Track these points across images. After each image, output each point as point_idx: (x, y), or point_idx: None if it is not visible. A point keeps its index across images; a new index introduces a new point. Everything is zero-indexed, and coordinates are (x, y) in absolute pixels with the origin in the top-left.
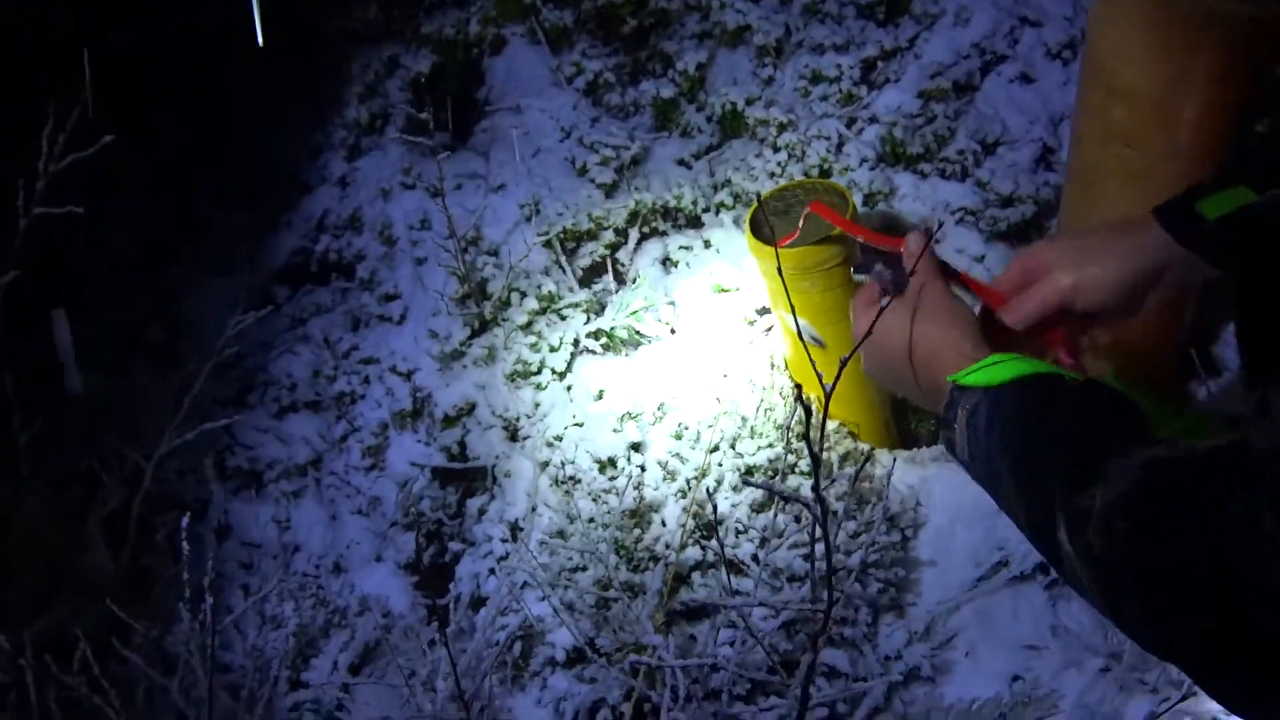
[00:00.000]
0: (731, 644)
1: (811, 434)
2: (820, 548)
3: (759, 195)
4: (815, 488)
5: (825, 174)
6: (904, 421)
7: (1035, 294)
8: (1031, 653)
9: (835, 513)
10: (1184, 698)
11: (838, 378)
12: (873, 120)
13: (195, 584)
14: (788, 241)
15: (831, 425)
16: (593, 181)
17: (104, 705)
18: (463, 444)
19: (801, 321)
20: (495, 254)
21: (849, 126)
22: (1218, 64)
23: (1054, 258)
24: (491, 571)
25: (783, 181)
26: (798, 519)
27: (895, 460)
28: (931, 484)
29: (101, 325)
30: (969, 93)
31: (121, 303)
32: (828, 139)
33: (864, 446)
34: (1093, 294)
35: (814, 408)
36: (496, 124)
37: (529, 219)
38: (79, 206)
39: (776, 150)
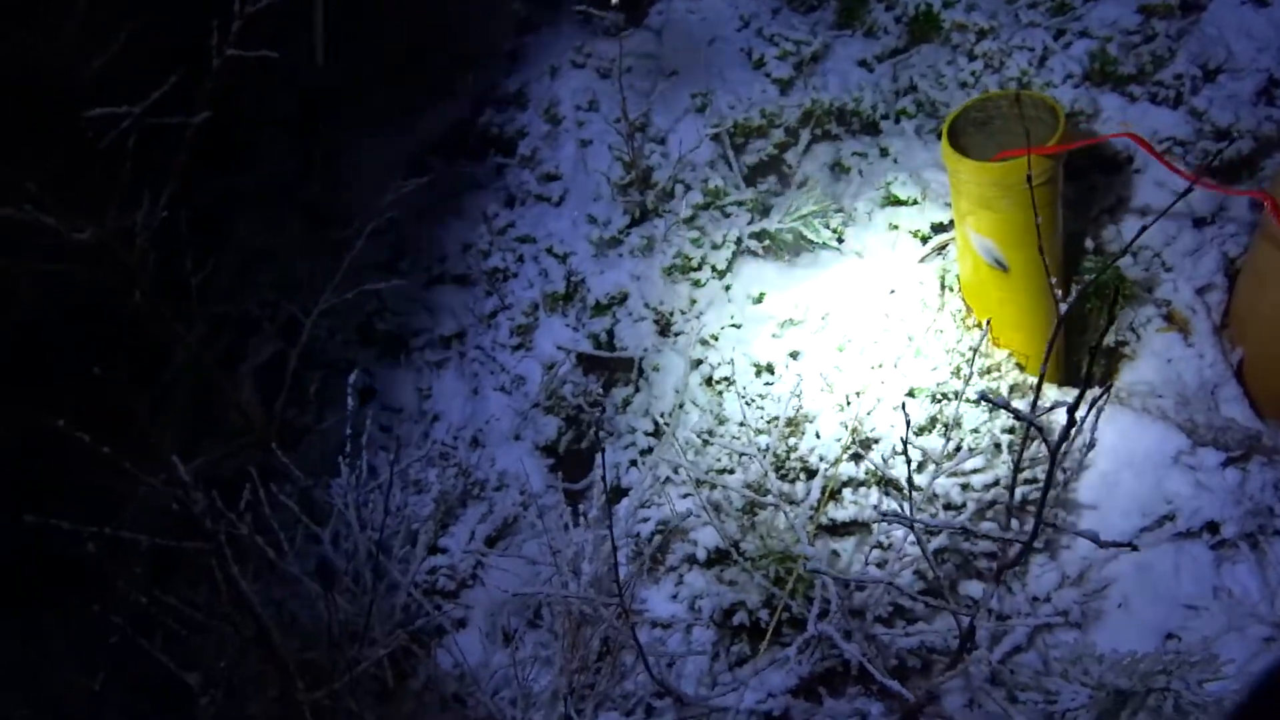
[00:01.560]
0: (881, 565)
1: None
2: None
3: (965, 104)
4: (1072, 409)
5: (1024, 88)
6: (1074, 355)
7: None
8: (1190, 612)
9: (997, 445)
10: None
11: None
12: (1084, 34)
13: (354, 441)
14: (1002, 157)
15: (1001, 354)
16: (768, 76)
17: (265, 546)
18: (611, 333)
19: (988, 242)
20: (663, 142)
21: (1056, 38)
22: None
23: None
24: (633, 463)
25: (975, 94)
26: (958, 449)
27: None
28: (1103, 426)
29: (262, 177)
30: (1195, 12)
31: (281, 157)
32: (1031, 50)
33: (1032, 379)
34: None
35: (987, 334)
36: (673, 6)
37: (700, 109)
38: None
39: (972, 59)
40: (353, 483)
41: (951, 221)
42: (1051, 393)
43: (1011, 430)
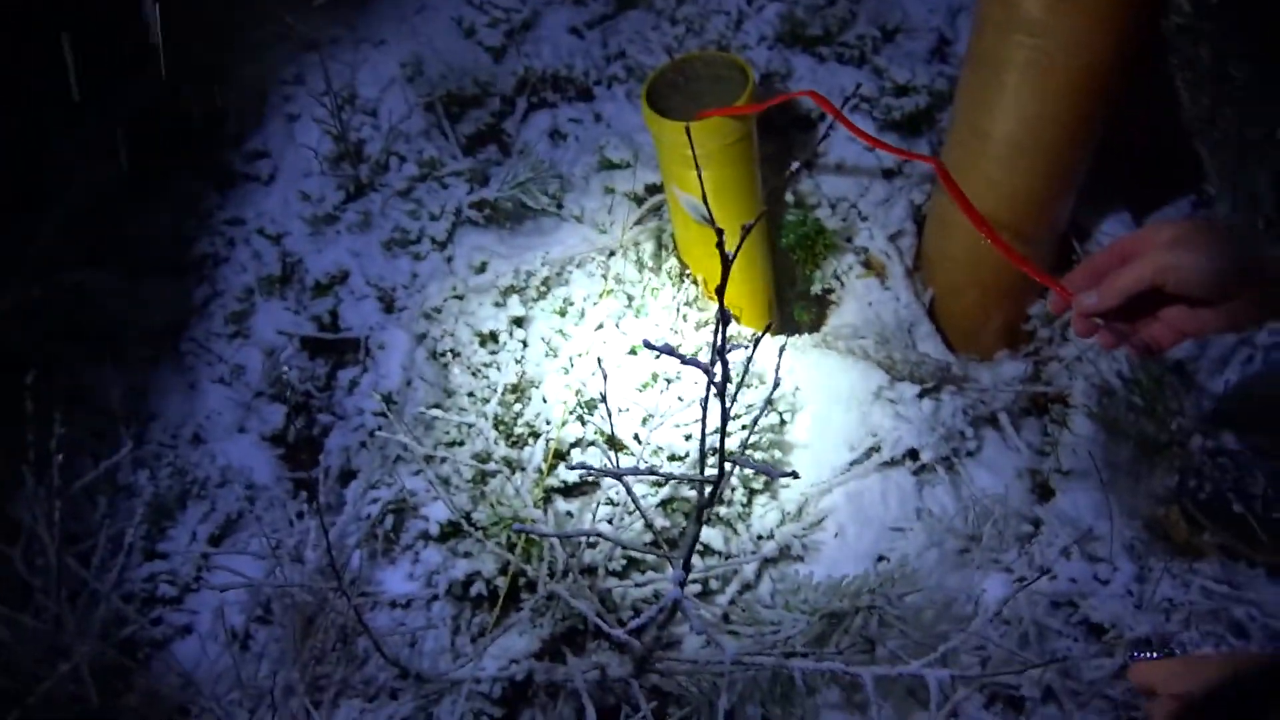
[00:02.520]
0: (610, 521)
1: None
2: (714, 422)
3: (661, 66)
4: (721, 350)
5: (723, 49)
6: (786, 307)
7: (1133, 270)
8: (897, 534)
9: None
10: (1039, 577)
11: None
12: None
13: (40, 447)
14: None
15: (715, 306)
16: (480, 44)
17: None
18: (335, 313)
19: (691, 199)
20: (374, 114)
21: (750, 3)
22: None
23: (1154, 239)
24: (363, 445)
25: (679, 55)
26: (679, 399)
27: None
28: (811, 371)
29: None
30: None
31: None
32: (728, 14)
33: (748, 331)
34: (1188, 276)
35: (701, 290)
36: None
37: (410, 79)
38: None
39: (675, 23)
40: (41, 494)
41: (662, 182)
42: (768, 341)
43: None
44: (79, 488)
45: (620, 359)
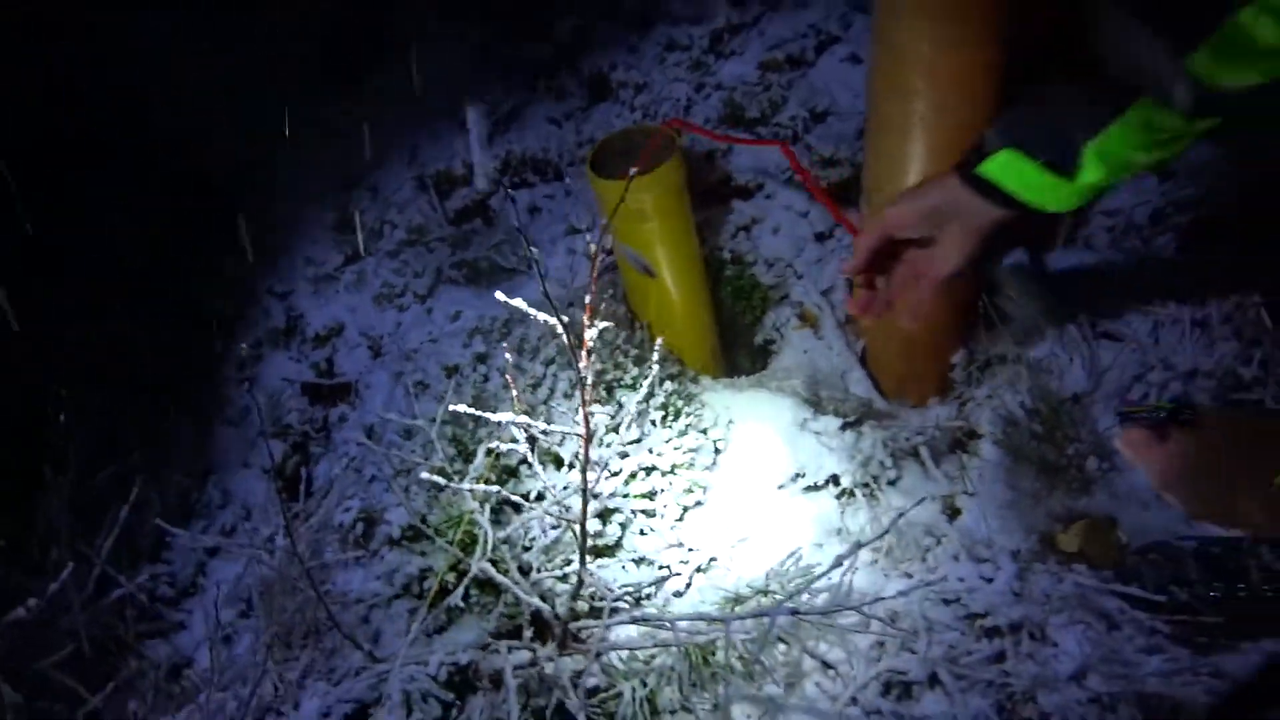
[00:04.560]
0: (556, 527)
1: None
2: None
3: (605, 137)
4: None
5: None
6: (730, 353)
7: (869, 229)
8: (816, 549)
9: (654, 422)
10: (931, 583)
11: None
12: (718, 86)
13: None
14: (630, 172)
15: (662, 352)
16: (470, 132)
17: None
18: (331, 361)
19: (631, 251)
20: (374, 190)
21: (697, 91)
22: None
23: (900, 205)
24: (344, 469)
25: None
26: (616, 428)
27: (714, 381)
28: (745, 405)
29: None
30: (803, 68)
31: None
32: (678, 100)
33: (690, 372)
34: (906, 219)
35: (641, 332)
36: (388, 75)
37: (408, 162)
38: None
39: (633, 110)
40: (58, 484)
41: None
42: (706, 383)
43: (664, 407)
44: (97, 479)
45: (567, 388)
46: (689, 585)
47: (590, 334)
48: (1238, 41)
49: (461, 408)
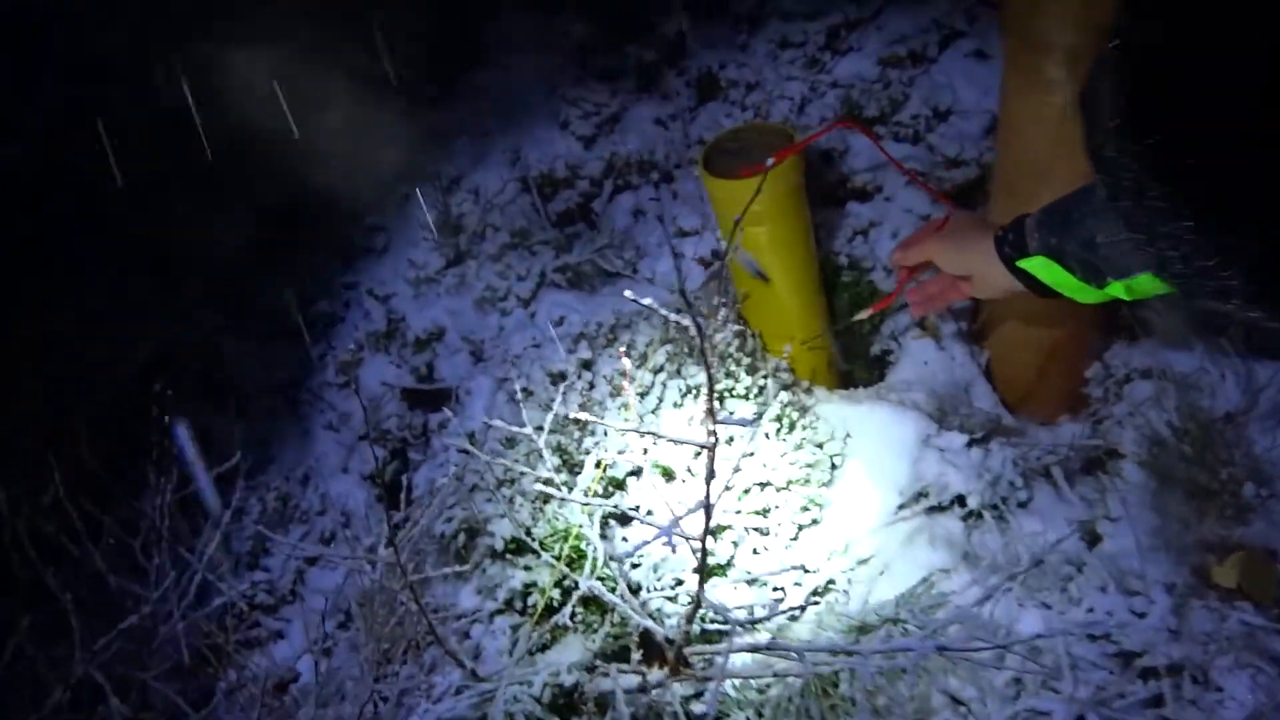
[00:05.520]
0: (668, 544)
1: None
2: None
3: (718, 135)
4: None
5: None
6: (846, 363)
7: (914, 250)
8: (941, 574)
9: (768, 435)
10: (1091, 624)
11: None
12: (834, 85)
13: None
14: (747, 174)
15: (775, 362)
16: (573, 134)
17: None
18: (431, 366)
19: (745, 254)
20: (476, 193)
21: (812, 90)
22: None
23: (932, 228)
24: (445, 478)
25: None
26: (730, 441)
27: (830, 393)
28: (864, 418)
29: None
30: (925, 63)
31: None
32: (792, 99)
33: (805, 383)
34: (945, 264)
35: (754, 341)
36: (486, 75)
37: (511, 164)
38: None
39: (744, 109)
40: (160, 485)
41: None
42: (822, 394)
43: (778, 419)
44: (189, 492)
45: (677, 398)
46: (803, 609)
47: (722, 336)
48: (1132, 288)
49: (583, 415)
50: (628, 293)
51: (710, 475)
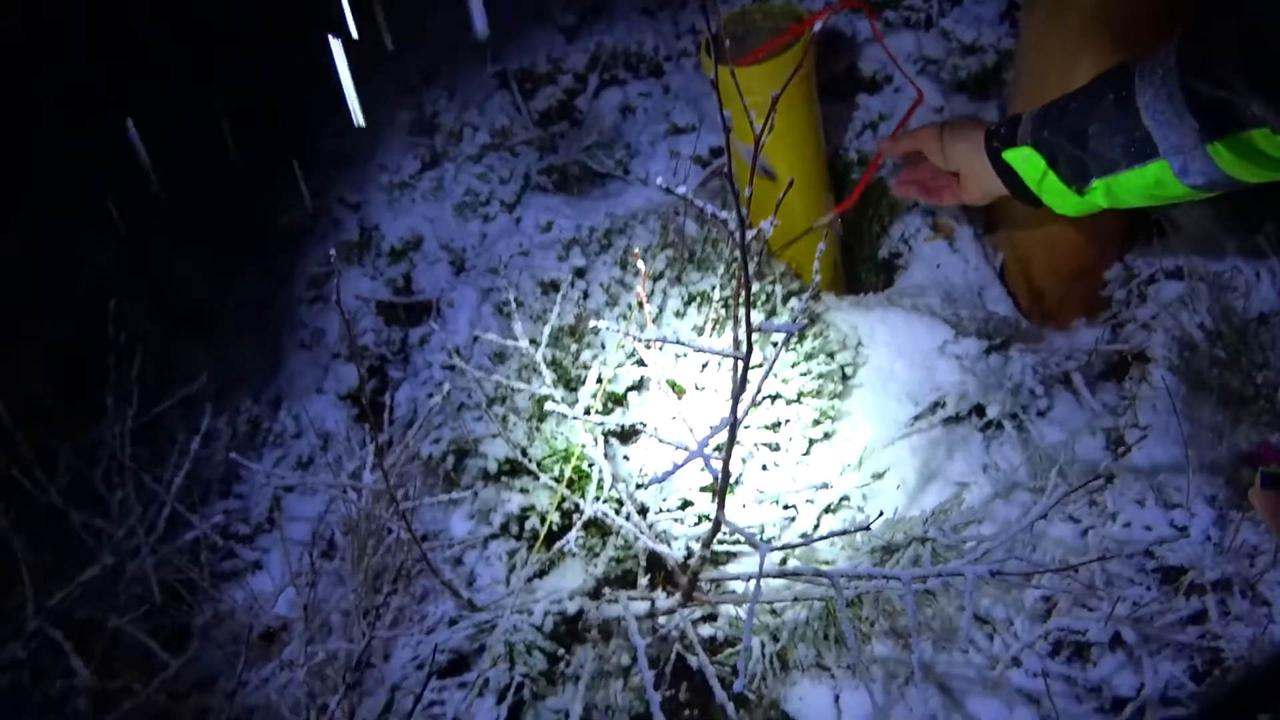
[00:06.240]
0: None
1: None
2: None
3: (720, 19)
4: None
5: None
6: (853, 268)
7: (909, 139)
8: (961, 488)
9: (775, 344)
10: (1107, 522)
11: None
12: None
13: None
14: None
15: (781, 267)
16: (554, 24)
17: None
18: (409, 277)
19: (749, 149)
20: (450, 90)
21: None
22: None
23: (933, 123)
24: (430, 395)
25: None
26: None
27: (839, 299)
28: (875, 325)
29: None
30: None
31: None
32: None
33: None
34: (933, 153)
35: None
36: None
37: (488, 58)
38: None
39: None
40: (120, 410)
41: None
42: (830, 301)
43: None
44: (156, 413)
45: (678, 306)
46: (816, 527)
47: (753, 233)
48: (1254, 147)
49: (602, 323)
50: (661, 181)
51: (741, 389)
